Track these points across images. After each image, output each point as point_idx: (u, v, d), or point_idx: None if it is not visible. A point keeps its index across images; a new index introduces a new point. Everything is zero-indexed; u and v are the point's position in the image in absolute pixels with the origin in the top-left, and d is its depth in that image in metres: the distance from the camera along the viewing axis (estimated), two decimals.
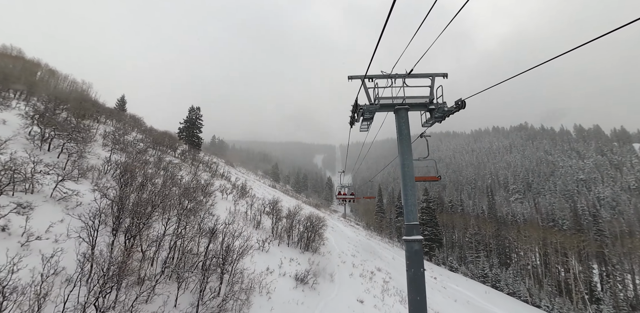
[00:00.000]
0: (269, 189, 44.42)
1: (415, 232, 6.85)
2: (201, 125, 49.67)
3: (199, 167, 27.28)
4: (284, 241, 15.52)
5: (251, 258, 11.41)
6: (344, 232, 32.42)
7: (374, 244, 32.64)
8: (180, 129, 48.00)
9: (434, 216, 45.72)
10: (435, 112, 7.59)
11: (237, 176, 38.70)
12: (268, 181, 78.88)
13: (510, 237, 45.74)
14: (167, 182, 14.71)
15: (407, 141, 7.39)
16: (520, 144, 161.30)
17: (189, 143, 48.26)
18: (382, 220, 64.18)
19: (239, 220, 15.25)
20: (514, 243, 46.67)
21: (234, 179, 28.68)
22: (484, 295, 27.51)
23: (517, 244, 45.27)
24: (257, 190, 32.20)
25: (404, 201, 7.12)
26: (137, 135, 30.21)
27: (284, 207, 27.52)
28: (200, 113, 50.11)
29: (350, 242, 26.24)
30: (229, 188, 22.44)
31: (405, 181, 7.14)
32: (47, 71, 50.07)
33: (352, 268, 16.50)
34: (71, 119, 18.51)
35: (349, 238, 29.14)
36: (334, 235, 25.96)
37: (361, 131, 8.74)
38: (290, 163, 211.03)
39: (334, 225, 35.10)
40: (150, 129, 37.95)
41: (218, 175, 28.58)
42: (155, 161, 19.32)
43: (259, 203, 19.86)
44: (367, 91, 7.76)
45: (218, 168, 31.59)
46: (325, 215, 44.42)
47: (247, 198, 23.39)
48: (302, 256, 14.52)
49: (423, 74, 8.11)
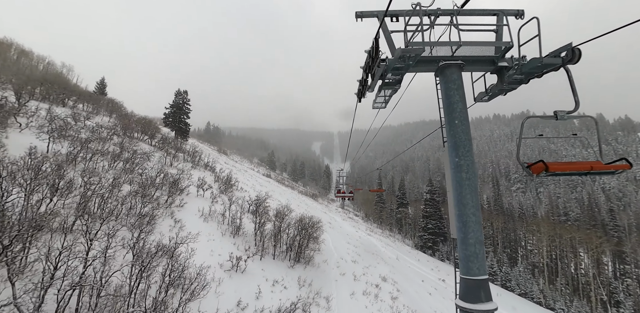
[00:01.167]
0: (262, 179, 41.30)
1: (484, 295, 3.68)
2: (188, 110, 45.87)
3: (178, 156, 23.93)
4: (268, 252, 12.43)
5: (216, 288, 8.32)
6: (342, 228, 29.56)
7: (375, 241, 29.88)
8: (165, 115, 44.25)
9: (438, 208, 42.99)
10: (509, 74, 4.29)
11: (225, 165, 35.43)
12: (263, 169, 75.85)
13: (521, 232, 43.16)
14: (119, 179, 11.43)
15: (463, 121, 4.12)
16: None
17: (176, 129, 44.71)
18: (382, 211, 61.59)
19: (210, 232, 12.07)
20: (522, 238, 44.21)
21: (219, 170, 25.44)
22: (496, 299, 24.94)
23: (526, 239, 42.80)
24: (246, 182, 29.06)
25: (459, 227, 3.87)
26: (111, 120, 26.73)
27: (275, 203, 24.56)
28: (188, 97, 46.21)
29: (350, 241, 23.36)
30: (208, 182, 19.21)
31: (462, 190, 3.88)
32: (19, 52, 46.02)
33: (353, 283, 13.54)
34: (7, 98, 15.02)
35: (349, 236, 26.29)
36: (331, 233, 23.05)
37: (375, 108, 5.43)
38: (287, 150, 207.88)
39: (331, 219, 32.28)
40: (128, 114, 34.35)
41: (201, 165, 25.29)
42: (116, 151, 15.95)
43: (245, 199, 16.67)
44: (389, 37, 4.41)
45: (202, 156, 28.24)
46: (322, 207, 41.66)
47: (231, 192, 20.22)
48: (291, 274, 11.48)
49: (484, 10, 4.74)
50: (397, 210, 58.01)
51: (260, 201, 15.26)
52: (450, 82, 4.24)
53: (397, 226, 56.98)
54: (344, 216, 42.61)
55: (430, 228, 41.38)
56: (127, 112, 36.74)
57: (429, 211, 42.93)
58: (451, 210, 4.15)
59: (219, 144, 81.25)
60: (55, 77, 40.53)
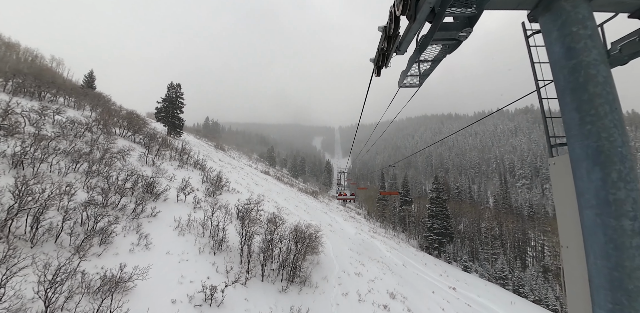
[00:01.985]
0: (259, 177, 39.22)
1: None
2: (182, 104, 43.62)
3: (164, 154, 21.81)
4: (256, 272, 10.34)
5: None
6: (344, 230, 27.55)
7: (379, 244, 27.90)
8: (157, 109, 42.01)
9: (444, 207, 40.79)
10: None
11: (219, 163, 33.30)
12: (263, 165, 73.82)
13: (531, 232, 41.07)
14: (73, 185, 9.30)
15: (611, 102, 1.99)
16: (526, 127, 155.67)
17: (169, 124, 42.53)
18: (384, 208, 59.56)
19: (184, 249, 9.97)
20: (532, 238, 42.16)
21: (209, 169, 23.33)
22: (510, 307, 23.04)
23: (536, 239, 40.73)
24: (241, 181, 26.95)
25: (604, 251, 1.74)
26: (92, 115, 24.55)
27: (271, 205, 22.50)
28: (181, 91, 43.91)
29: (352, 248, 21.35)
30: (194, 183, 17.10)
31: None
32: (2, 44, 43.86)
33: (357, 306, 11.48)
34: None
35: (351, 240, 24.29)
36: (332, 238, 21.05)
37: (404, 86, 3.20)
38: (288, 145, 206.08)
39: (332, 221, 30.27)
40: (115, 109, 32.15)
41: (190, 164, 23.18)
42: (84, 149, 13.82)
43: (234, 204, 14.53)
44: None
45: (192, 153, 26.11)
46: (322, 206, 39.62)
47: (220, 195, 18.13)
48: (282, 302, 9.39)
49: None
50: (400, 207, 55.96)
51: (249, 208, 13.12)
52: (573, 25, 2.04)
53: (400, 224, 55.04)
54: (346, 215, 40.63)
55: (436, 228, 39.30)
56: (115, 107, 34.61)
57: (435, 210, 40.74)
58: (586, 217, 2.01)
59: (217, 140, 79.04)
60: (40, 69, 38.42)
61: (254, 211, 13.16)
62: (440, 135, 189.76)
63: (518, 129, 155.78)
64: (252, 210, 13.11)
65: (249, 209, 12.98)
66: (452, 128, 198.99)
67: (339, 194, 24.95)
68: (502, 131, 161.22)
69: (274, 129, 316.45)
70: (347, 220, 34.99)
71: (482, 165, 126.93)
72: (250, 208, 13.17)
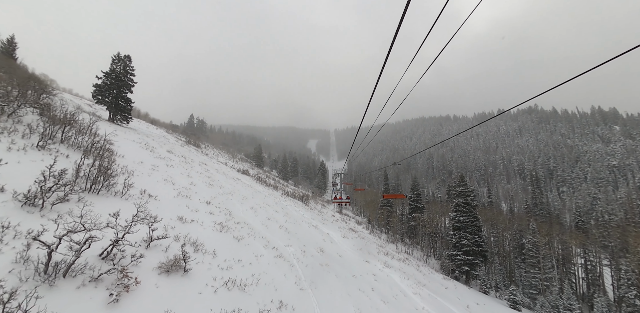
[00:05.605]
0: (227, 176, 29.15)
1: None
2: (132, 82, 33.52)
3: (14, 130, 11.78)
4: None
5: None
6: (344, 258, 17.58)
7: (398, 279, 18.00)
8: (96, 87, 31.64)
9: (475, 216, 30.84)
10: None
11: (166, 156, 23.12)
12: (247, 165, 63.61)
13: (587, 249, 31.18)
14: None
15: None
16: (531, 127, 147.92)
17: (113, 107, 32.38)
18: (389, 216, 49.62)
19: None
20: (578, 254, 32.56)
21: (119, 155, 13.35)
22: None
23: (587, 257, 31.11)
24: (179, 180, 17.00)
25: None
26: None
27: (220, 218, 12.51)
28: (132, 65, 33.83)
29: (363, 301, 11.42)
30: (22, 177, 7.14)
31: None
32: None
33: None
34: None
35: (356, 278, 14.37)
36: (331, 282, 11.12)
37: None
38: (282, 147, 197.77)
39: (326, 238, 20.42)
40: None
41: (75, 144, 13.14)
42: None
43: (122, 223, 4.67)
44: None
45: (94, 131, 16.03)
46: (313, 215, 29.73)
47: (84, 201, 8.18)
48: None
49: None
50: (409, 215, 46.08)
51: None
52: None
53: (409, 235, 45.20)
54: (343, 226, 30.61)
55: (465, 244, 29.36)
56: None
57: (463, 220, 30.84)
58: None
59: (194, 137, 68.79)
60: None
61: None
62: (439, 137, 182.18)
63: (523, 130, 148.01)
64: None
65: None
66: (452, 129, 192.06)
67: (334, 198, 26.31)
68: (506, 132, 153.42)
69: (269, 131, 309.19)
70: (345, 236, 24.94)
71: (488, 167, 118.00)
72: None
